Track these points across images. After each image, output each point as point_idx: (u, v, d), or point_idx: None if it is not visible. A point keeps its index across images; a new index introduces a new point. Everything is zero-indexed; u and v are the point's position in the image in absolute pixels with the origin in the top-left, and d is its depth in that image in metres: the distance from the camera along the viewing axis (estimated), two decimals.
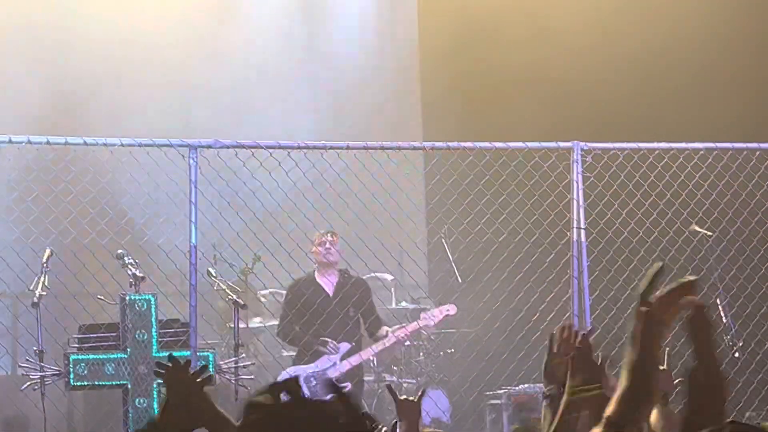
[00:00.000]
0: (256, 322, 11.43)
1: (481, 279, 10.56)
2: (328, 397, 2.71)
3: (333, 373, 9.98)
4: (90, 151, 11.11)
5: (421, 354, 11.14)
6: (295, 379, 2.71)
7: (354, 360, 10.22)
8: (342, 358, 10.20)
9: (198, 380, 3.53)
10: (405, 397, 5.33)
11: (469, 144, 9.75)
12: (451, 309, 10.56)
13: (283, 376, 9.77)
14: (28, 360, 8.74)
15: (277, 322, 10.57)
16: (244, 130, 11.98)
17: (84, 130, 11.22)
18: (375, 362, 10.59)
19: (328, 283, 10.39)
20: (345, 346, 10.19)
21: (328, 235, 10.37)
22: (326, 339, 10.13)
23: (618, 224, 10.14)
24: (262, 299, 11.44)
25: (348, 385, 9.58)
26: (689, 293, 2.86)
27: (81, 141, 8.99)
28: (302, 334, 10.23)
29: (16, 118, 11.93)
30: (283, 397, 2.56)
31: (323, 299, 10.25)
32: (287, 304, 10.39)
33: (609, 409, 2.82)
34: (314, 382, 9.94)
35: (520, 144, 9.78)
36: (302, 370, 10.03)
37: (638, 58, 12.33)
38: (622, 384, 2.81)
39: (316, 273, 10.44)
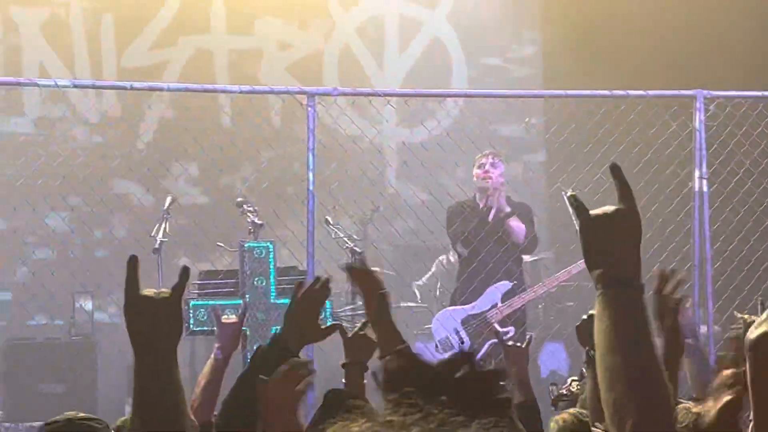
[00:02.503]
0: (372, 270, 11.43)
1: None
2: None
3: (494, 316, 9.38)
4: (213, 99, 11.29)
5: (539, 306, 11.07)
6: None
7: (516, 302, 9.48)
8: (503, 299, 9.47)
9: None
10: (512, 342, 5.29)
11: (587, 92, 9.62)
12: None
13: (438, 318, 9.62)
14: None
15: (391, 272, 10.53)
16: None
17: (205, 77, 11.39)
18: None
19: (487, 207, 9.62)
20: (504, 285, 9.53)
21: (489, 156, 9.71)
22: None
23: (741, 174, 9.93)
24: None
25: (511, 330, 9.00)
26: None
27: (200, 88, 9.07)
28: (464, 262, 9.58)
29: None
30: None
31: (481, 224, 9.55)
32: (447, 226, 9.75)
33: None
34: (475, 323, 9.44)
35: (640, 92, 9.60)
36: (461, 311, 9.51)
37: (763, 3, 12.01)
38: None
39: (476, 197, 9.79)
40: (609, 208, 2.46)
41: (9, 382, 10.05)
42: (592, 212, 2.46)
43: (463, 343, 9.28)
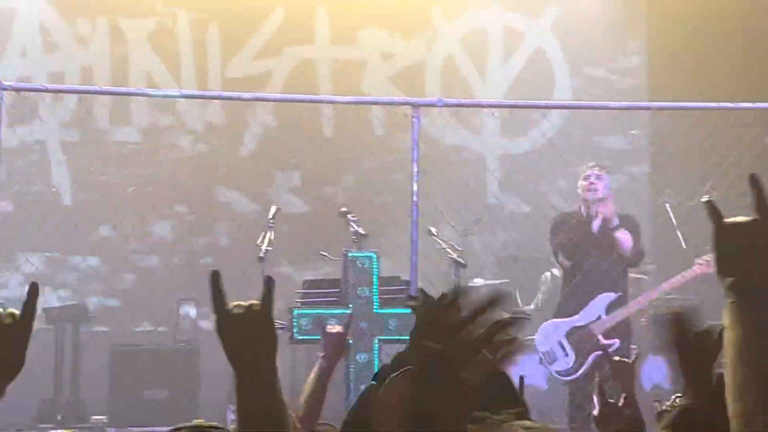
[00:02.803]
0: (476, 282, 11.41)
1: (706, 244, 10.27)
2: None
3: (598, 329, 9.24)
4: (316, 109, 11.34)
5: (643, 318, 10.93)
6: None
7: (620, 314, 9.29)
8: (608, 311, 9.32)
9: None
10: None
11: (695, 104, 9.50)
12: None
13: (542, 330, 9.54)
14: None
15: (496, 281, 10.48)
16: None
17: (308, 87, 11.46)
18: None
19: (593, 219, 9.46)
20: (609, 297, 9.37)
21: (595, 168, 9.54)
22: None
23: None
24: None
25: (616, 342, 8.89)
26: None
27: (307, 98, 9.11)
28: (568, 274, 9.44)
29: None
30: None
31: (586, 236, 9.41)
32: (551, 237, 9.64)
33: None
34: (580, 335, 9.25)
35: (748, 105, 9.46)
36: (565, 323, 9.39)
37: None
38: None
39: (581, 209, 9.58)
40: (745, 218, 2.41)
41: (114, 388, 10.18)
42: (727, 220, 2.41)
43: (567, 355, 9.20)
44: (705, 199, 2.40)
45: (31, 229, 9.83)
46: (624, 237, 9.46)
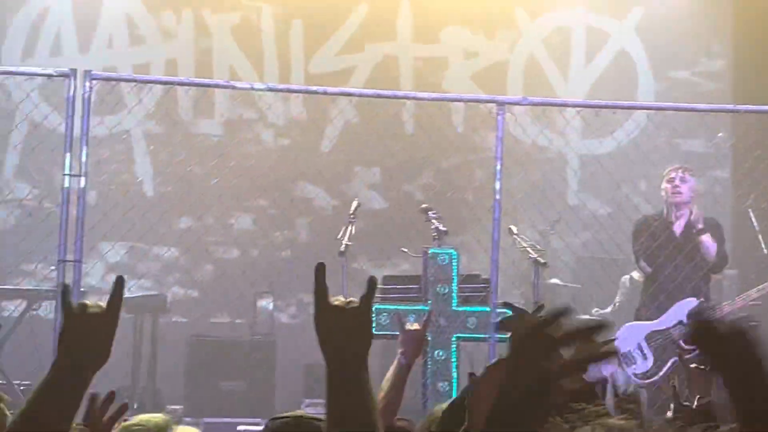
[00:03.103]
0: (553, 281, 11.34)
1: None
2: None
3: (678, 334, 9.01)
4: (398, 106, 11.35)
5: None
6: None
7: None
8: (689, 317, 9.07)
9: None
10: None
11: None
12: None
13: (621, 332, 9.43)
14: None
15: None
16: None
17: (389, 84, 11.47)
18: None
19: (677, 223, 9.37)
20: (690, 302, 9.15)
21: (679, 171, 9.41)
22: None
23: None
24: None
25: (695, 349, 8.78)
26: None
27: (391, 94, 9.11)
28: (650, 277, 9.35)
29: None
30: None
31: (669, 239, 9.29)
32: (633, 240, 9.53)
33: None
34: (659, 339, 9.12)
35: None
36: (645, 326, 9.23)
37: None
38: None
39: (664, 211, 9.48)
40: None
41: (190, 378, 10.26)
42: None
43: (646, 358, 9.12)
44: None
45: (115, 219, 9.93)
46: (708, 241, 9.35)
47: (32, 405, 2.50)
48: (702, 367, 5.22)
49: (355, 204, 9.45)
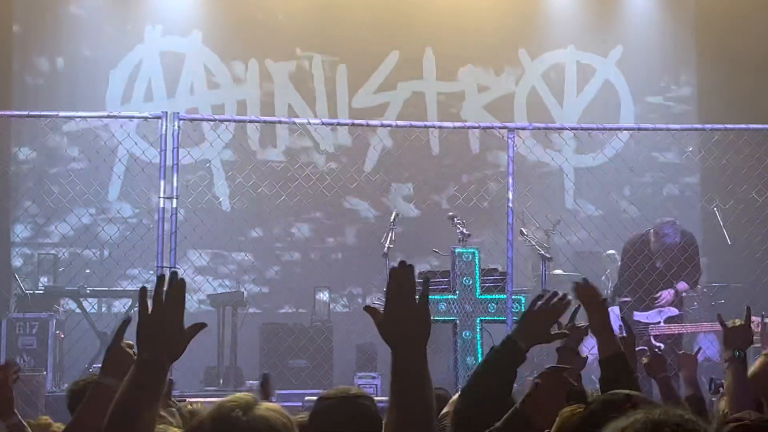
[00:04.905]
0: (557, 272, 11.33)
1: (752, 241, 10.11)
2: None
3: (652, 330, 8.93)
4: (426, 133, 11.36)
5: (696, 303, 10.78)
6: None
7: (675, 329, 8.92)
8: (666, 321, 8.99)
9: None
10: (684, 351, 5.21)
11: (742, 126, 9.31)
12: None
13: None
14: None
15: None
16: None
17: (417, 115, 11.49)
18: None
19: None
20: (671, 311, 9.05)
21: (668, 225, 9.11)
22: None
23: None
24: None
25: (661, 346, 8.48)
26: None
27: (422, 124, 9.12)
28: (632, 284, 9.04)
29: None
30: None
31: (652, 269, 9.05)
32: (621, 257, 9.34)
33: None
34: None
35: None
36: (642, 316, 9.09)
37: None
38: None
39: (652, 239, 9.14)
40: None
41: (263, 358, 10.30)
42: None
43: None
44: None
45: (200, 231, 10.00)
46: (667, 298, 9.11)
47: (124, 394, 2.44)
48: (690, 353, 5.21)
49: (393, 214, 9.48)
